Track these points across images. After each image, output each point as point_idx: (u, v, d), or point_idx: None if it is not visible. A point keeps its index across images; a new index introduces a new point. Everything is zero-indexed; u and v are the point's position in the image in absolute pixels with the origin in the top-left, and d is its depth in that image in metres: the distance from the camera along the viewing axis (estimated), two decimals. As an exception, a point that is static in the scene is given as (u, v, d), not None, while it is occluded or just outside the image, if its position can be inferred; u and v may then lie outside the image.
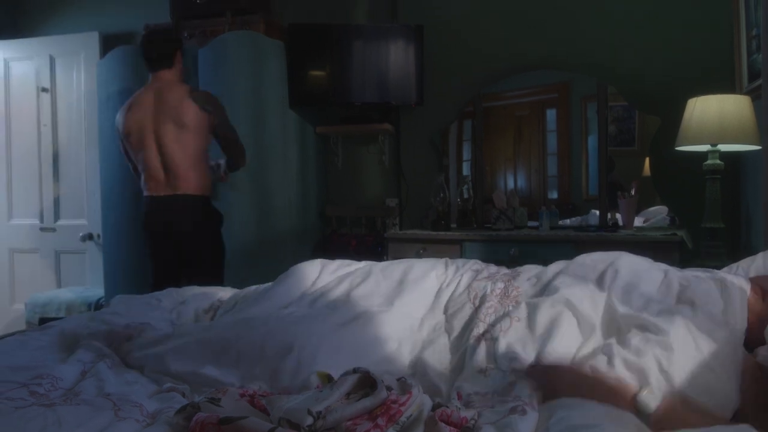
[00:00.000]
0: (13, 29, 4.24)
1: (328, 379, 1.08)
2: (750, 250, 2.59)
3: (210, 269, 2.79)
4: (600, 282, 1.27)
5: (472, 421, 0.94)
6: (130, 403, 1.01)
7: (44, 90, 4.02)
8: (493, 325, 1.24)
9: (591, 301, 1.21)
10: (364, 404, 0.90)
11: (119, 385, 1.13)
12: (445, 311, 1.40)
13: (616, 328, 1.16)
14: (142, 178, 2.74)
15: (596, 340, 1.15)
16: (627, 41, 3.22)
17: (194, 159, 2.70)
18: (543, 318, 1.19)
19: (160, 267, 2.78)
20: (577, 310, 1.19)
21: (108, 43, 3.87)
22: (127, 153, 2.81)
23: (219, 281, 2.68)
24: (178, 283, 2.24)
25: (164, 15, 3.56)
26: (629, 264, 1.32)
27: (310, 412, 0.85)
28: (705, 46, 3.06)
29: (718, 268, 2.40)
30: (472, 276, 1.48)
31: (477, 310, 1.33)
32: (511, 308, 1.28)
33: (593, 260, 1.38)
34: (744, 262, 1.51)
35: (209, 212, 2.81)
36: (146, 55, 2.72)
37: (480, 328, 1.25)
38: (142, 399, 1.06)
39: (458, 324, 1.33)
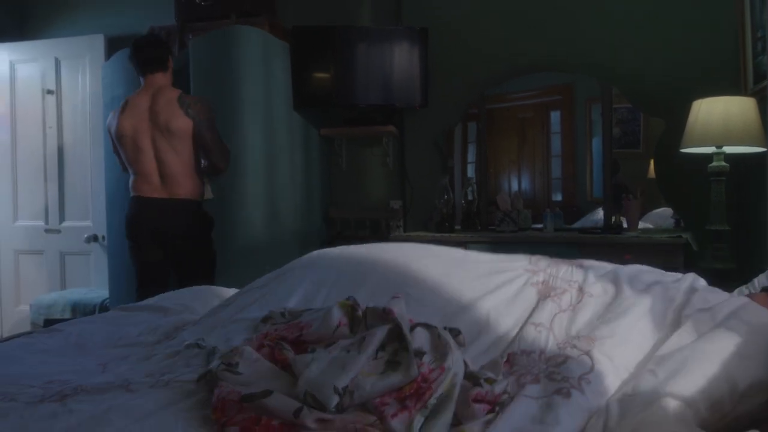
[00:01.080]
0: (19, 32, 4.26)
1: (352, 310, 1.01)
2: (756, 253, 2.58)
3: (203, 273, 2.79)
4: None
5: (505, 395, 0.89)
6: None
7: (49, 92, 4.03)
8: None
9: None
10: (392, 381, 0.84)
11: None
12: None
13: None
14: (133, 179, 2.75)
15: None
16: (631, 43, 3.22)
17: (188, 165, 2.73)
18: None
19: (146, 271, 2.77)
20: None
21: (113, 46, 3.87)
22: (117, 151, 2.83)
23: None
24: (165, 288, 2.25)
25: (169, 17, 3.57)
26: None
27: (336, 390, 0.81)
28: (710, 48, 3.06)
29: (723, 270, 2.40)
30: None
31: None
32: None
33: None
34: (761, 277, 1.51)
35: (202, 216, 2.84)
36: (142, 58, 2.73)
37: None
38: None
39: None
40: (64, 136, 4.04)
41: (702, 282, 1.26)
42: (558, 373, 0.93)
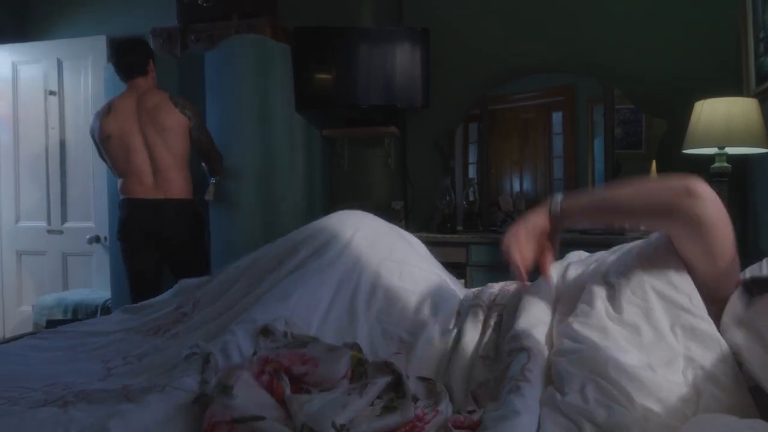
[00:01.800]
0: (21, 33, 4.27)
1: (359, 364, 1.03)
2: (758, 253, 2.57)
3: (199, 272, 2.80)
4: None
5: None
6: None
7: (52, 93, 4.04)
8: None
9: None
10: (389, 422, 0.87)
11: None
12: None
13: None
14: (123, 181, 2.75)
15: None
16: (633, 44, 3.22)
17: (181, 162, 2.77)
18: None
19: (140, 274, 2.78)
20: None
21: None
22: (103, 156, 2.84)
23: None
24: (160, 291, 2.25)
25: (171, 18, 3.58)
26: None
27: (334, 425, 0.83)
28: (712, 49, 3.05)
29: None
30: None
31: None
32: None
33: None
34: (750, 270, 1.50)
35: (196, 215, 2.87)
36: (121, 64, 2.78)
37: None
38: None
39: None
40: (67, 137, 4.05)
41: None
42: (507, 378, 0.98)
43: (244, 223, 3.10)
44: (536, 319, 1.13)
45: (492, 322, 1.24)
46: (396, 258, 1.50)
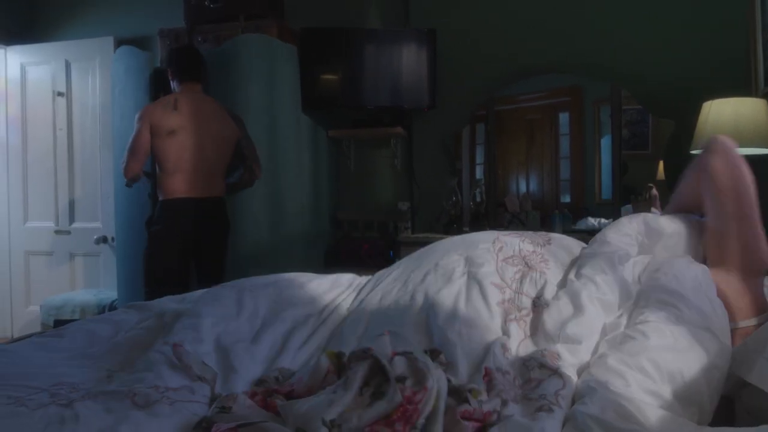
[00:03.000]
0: (30, 34, 4.29)
1: (337, 358, 1.05)
2: None
3: (221, 268, 2.92)
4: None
5: (495, 414, 0.92)
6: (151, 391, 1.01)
7: (60, 94, 4.06)
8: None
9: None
10: (378, 410, 0.87)
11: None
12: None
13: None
14: (171, 178, 2.74)
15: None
16: (641, 44, 3.20)
17: (225, 166, 2.90)
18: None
19: (170, 269, 2.78)
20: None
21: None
22: (147, 149, 2.76)
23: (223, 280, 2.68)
24: (187, 288, 2.26)
25: (178, 19, 3.59)
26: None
27: (324, 422, 0.84)
28: (720, 49, 3.04)
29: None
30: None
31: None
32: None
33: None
34: None
35: (227, 213, 2.95)
36: (187, 65, 2.87)
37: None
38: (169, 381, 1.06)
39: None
40: (75, 138, 4.07)
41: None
42: (535, 394, 1.00)
43: (251, 223, 3.11)
44: (586, 329, 1.16)
45: (528, 320, 1.26)
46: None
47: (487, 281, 1.34)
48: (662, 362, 1.02)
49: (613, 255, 1.31)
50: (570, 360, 1.11)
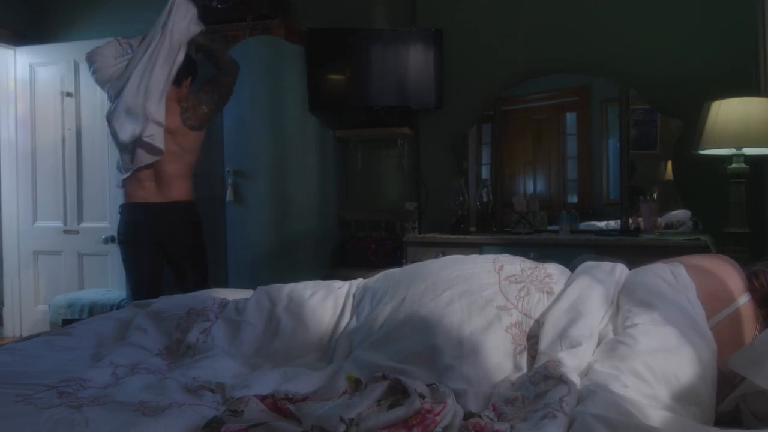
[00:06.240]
0: (38, 35, 4.31)
1: (355, 383, 1.06)
2: (775, 256, 2.54)
3: (204, 267, 2.87)
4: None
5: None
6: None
7: (68, 95, 4.08)
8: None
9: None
10: (398, 413, 0.89)
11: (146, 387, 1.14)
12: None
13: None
14: (131, 183, 2.75)
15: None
16: (648, 44, 3.19)
17: (189, 170, 2.83)
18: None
19: (144, 277, 2.78)
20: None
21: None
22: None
23: (207, 285, 2.66)
24: (160, 292, 2.26)
25: (186, 20, 3.60)
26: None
27: (342, 420, 0.84)
28: (728, 48, 3.02)
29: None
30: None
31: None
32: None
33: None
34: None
35: (196, 216, 2.88)
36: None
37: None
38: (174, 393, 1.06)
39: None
40: (83, 138, 4.09)
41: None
42: (540, 404, 1.02)
43: (258, 222, 3.12)
44: (586, 331, 1.21)
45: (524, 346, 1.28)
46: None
47: (492, 305, 1.33)
48: (655, 365, 1.04)
49: (597, 269, 1.41)
50: (572, 364, 1.14)
